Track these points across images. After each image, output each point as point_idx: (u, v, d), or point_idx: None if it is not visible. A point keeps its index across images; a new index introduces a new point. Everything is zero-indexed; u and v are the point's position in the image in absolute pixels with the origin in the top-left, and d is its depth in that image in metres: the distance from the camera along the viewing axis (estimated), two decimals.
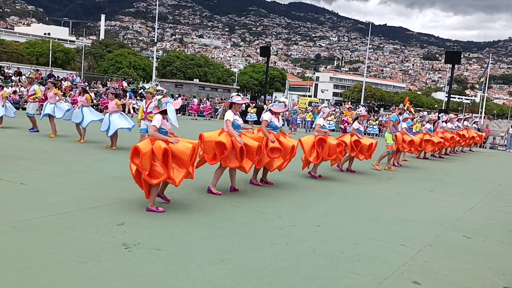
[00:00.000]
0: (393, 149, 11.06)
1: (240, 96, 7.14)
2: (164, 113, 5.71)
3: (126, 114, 11.87)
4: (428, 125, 14.05)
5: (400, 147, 11.92)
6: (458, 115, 20.50)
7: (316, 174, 9.06)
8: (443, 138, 14.54)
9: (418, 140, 12.91)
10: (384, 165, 11.24)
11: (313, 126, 9.61)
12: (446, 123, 15.72)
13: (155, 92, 10.13)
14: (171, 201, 5.99)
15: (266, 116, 7.53)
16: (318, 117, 9.25)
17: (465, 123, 17.99)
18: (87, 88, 13.51)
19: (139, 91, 33.38)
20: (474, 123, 21.11)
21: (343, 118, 26.99)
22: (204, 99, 33.73)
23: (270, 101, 28.26)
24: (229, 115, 6.75)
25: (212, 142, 6.52)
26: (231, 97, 6.98)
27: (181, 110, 31.55)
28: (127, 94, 28.36)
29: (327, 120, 9.28)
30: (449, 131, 15.48)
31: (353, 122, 10.42)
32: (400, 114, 11.61)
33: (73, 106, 12.44)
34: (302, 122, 27.64)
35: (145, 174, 5.36)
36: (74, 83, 28.70)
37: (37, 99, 12.85)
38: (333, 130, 25.10)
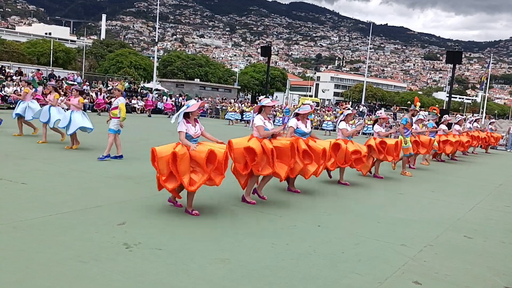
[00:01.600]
0: (410, 153, 10.65)
1: (269, 98, 6.88)
2: (187, 116, 5.58)
3: None
4: (443, 126, 13.86)
5: (416, 151, 11.47)
6: (469, 117, 19.99)
7: (344, 181, 8.63)
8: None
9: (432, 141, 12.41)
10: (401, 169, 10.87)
11: (337, 131, 8.96)
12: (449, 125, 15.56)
13: (123, 90, 9.91)
14: (199, 214, 5.56)
15: (292, 122, 7.10)
16: (339, 120, 8.79)
17: (475, 124, 17.77)
18: (58, 87, 12.97)
19: (140, 90, 33.41)
20: (490, 123, 20.50)
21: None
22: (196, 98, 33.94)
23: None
24: (259, 120, 6.30)
25: (241, 149, 6.07)
26: (260, 100, 6.58)
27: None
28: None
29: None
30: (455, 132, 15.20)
31: (373, 125, 10.04)
32: (412, 115, 11.05)
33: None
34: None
35: (161, 179, 5.28)
36: (76, 82, 28.74)
37: None
38: (333, 130, 25.15)
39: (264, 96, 6.85)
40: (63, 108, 11.24)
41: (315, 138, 7.31)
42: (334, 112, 31.37)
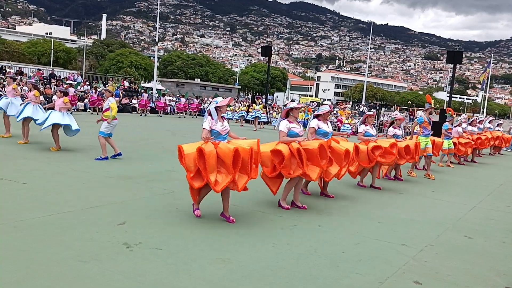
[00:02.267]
0: (428, 153, 10.34)
1: (294, 101, 6.80)
2: (210, 114, 5.42)
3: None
4: (459, 128, 13.77)
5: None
6: (479, 117, 19.63)
7: (364, 184, 8.56)
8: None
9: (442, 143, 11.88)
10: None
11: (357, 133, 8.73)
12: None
13: (114, 91, 9.90)
14: (235, 222, 5.39)
15: (313, 123, 6.82)
16: (359, 123, 8.70)
17: (488, 125, 17.60)
18: (38, 84, 12.47)
19: (140, 90, 33.40)
20: (498, 125, 20.10)
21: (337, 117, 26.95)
22: (192, 97, 34.39)
23: (261, 99, 28.05)
24: (283, 125, 6.23)
25: (268, 152, 5.99)
26: (285, 104, 6.59)
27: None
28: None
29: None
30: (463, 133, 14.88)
31: (388, 128, 9.67)
32: (430, 113, 10.60)
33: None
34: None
35: (189, 176, 5.14)
36: (76, 82, 28.76)
37: None
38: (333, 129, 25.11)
39: (291, 99, 6.62)
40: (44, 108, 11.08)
41: (337, 139, 7.11)
42: (334, 112, 31.32)
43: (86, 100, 25.80)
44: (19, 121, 10.70)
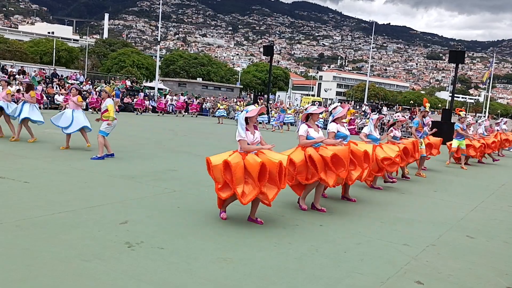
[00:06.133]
0: (422, 154, 10.44)
1: (315, 105, 6.63)
2: (246, 123, 5.37)
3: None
4: (480, 130, 13.64)
5: (429, 153, 11.24)
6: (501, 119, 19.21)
7: (377, 186, 8.52)
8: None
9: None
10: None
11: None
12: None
13: (111, 92, 9.85)
14: (263, 223, 5.39)
15: (332, 127, 6.83)
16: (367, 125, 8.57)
17: (503, 126, 17.20)
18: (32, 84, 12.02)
19: (143, 90, 33.42)
20: (497, 124, 19.65)
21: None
22: (192, 97, 34.65)
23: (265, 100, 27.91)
24: (302, 129, 6.18)
25: (302, 162, 5.96)
26: (306, 108, 6.44)
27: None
28: (114, 92, 28.46)
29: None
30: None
31: (388, 129, 9.56)
32: (423, 117, 10.83)
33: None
34: (296, 121, 27.34)
35: (217, 187, 5.17)
36: (78, 81, 28.79)
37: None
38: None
39: (310, 103, 6.57)
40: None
41: (355, 142, 7.05)
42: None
43: (87, 100, 25.83)
44: (20, 122, 10.58)
